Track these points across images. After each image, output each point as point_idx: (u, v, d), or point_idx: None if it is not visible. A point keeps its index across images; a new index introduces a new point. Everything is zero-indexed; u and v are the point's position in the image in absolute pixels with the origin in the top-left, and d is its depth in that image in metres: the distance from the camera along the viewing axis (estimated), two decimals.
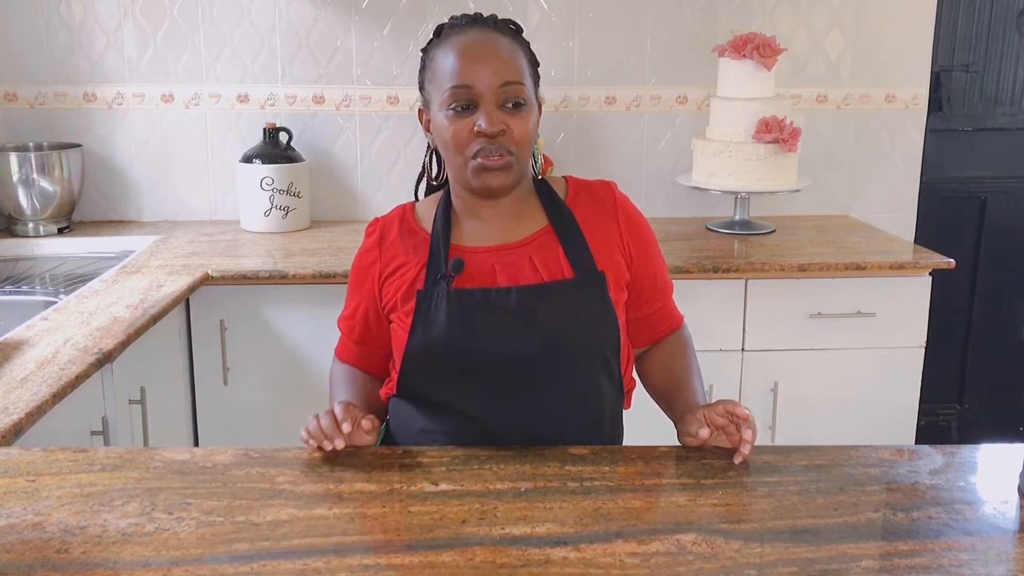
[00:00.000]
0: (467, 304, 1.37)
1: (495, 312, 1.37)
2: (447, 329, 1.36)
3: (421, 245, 1.44)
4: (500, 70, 1.35)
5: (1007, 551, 1.08)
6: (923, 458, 1.31)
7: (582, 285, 1.40)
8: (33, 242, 2.78)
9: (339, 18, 2.92)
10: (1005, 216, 3.37)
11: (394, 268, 1.45)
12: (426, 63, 1.43)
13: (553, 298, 1.38)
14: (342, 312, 1.55)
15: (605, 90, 3.02)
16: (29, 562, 1.04)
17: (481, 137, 1.34)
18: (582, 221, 1.44)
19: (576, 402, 1.41)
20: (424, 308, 1.38)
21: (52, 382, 1.66)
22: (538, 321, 1.36)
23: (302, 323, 2.50)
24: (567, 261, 1.41)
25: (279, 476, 1.24)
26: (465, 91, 1.34)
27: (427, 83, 1.42)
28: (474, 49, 1.36)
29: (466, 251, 1.42)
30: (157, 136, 2.99)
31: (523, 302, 1.37)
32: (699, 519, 1.14)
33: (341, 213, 3.05)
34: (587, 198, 1.47)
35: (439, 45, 1.40)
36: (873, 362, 2.63)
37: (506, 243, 1.43)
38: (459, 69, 1.35)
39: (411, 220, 1.48)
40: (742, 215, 2.92)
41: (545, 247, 1.42)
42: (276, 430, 2.53)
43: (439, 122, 1.38)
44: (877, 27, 3.05)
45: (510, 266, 1.40)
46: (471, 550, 1.06)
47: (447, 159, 1.41)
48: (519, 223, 1.44)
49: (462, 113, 1.35)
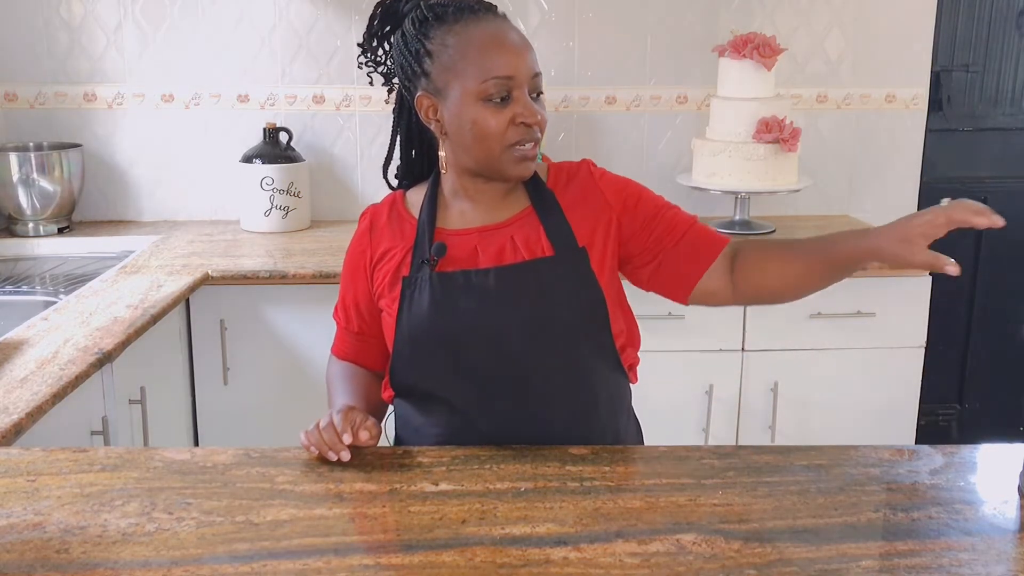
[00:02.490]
0: (449, 287, 1.38)
1: (476, 293, 1.37)
2: (430, 313, 1.37)
3: (408, 231, 1.45)
4: (531, 61, 1.37)
5: (1007, 551, 1.08)
6: (923, 458, 1.31)
7: (562, 261, 1.39)
8: (33, 242, 2.78)
9: (339, 18, 2.92)
10: (1005, 216, 3.33)
11: (382, 253, 1.46)
12: (433, 49, 1.37)
13: (533, 276, 1.38)
14: (337, 304, 1.54)
15: (605, 90, 3.02)
16: (29, 562, 1.04)
17: (521, 127, 1.35)
18: (563, 201, 1.44)
19: (566, 380, 1.39)
20: (409, 294, 1.39)
21: (52, 382, 1.66)
22: (519, 299, 1.36)
23: (302, 323, 2.50)
24: (547, 240, 1.41)
25: (279, 476, 1.24)
26: (506, 82, 1.34)
27: (440, 70, 1.37)
28: (508, 39, 1.36)
29: (450, 234, 1.43)
30: (157, 136, 2.99)
31: (503, 282, 1.37)
32: (699, 519, 1.14)
33: (341, 213, 3.05)
34: (566, 178, 1.48)
35: (452, 31, 1.36)
36: (873, 362, 2.63)
37: (488, 224, 1.43)
38: (498, 60, 1.34)
39: (401, 207, 1.49)
40: (742, 215, 2.92)
41: (527, 227, 1.42)
42: (276, 430, 2.52)
43: (471, 113, 1.35)
44: (877, 27, 3.05)
45: (492, 246, 1.41)
46: (471, 550, 1.06)
47: (473, 149, 1.38)
48: (504, 205, 1.45)
49: (499, 104, 1.35)
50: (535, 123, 1.36)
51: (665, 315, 2.50)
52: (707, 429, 2.64)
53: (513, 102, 1.34)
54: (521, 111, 1.34)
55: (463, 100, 1.35)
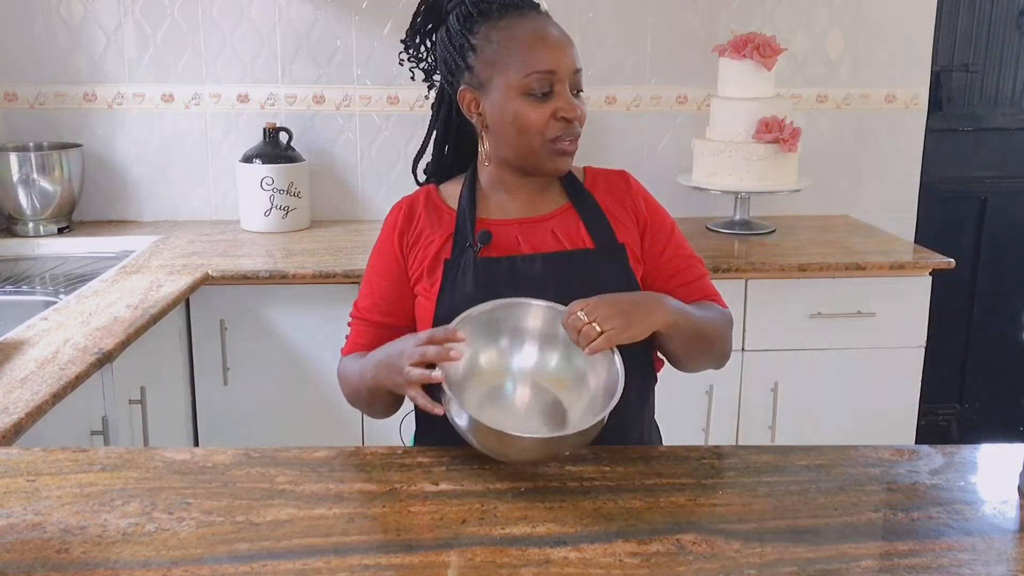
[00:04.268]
0: (494, 272, 1.40)
1: (521, 279, 1.39)
2: (474, 296, 1.37)
3: (447, 220, 1.47)
4: (573, 57, 1.40)
5: (1007, 551, 1.08)
6: (923, 458, 1.31)
7: (604, 255, 1.43)
8: (33, 242, 2.78)
9: (339, 18, 2.92)
10: (1005, 216, 3.37)
11: (417, 237, 1.46)
12: (477, 43, 1.40)
13: (577, 266, 1.41)
14: (358, 303, 1.51)
15: (605, 90, 3.02)
16: (29, 562, 1.04)
17: (561, 122, 1.38)
18: (601, 202, 1.48)
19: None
20: (451, 277, 1.41)
21: (52, 382, 1.66)
22: (563, 288, 1.37)
23: (302, 323, 2.50)
24: (588, 234, 1.44)
25: (279, 476, 1.24)
26: (549, 76, 1.37)
27: (484, 64, 1.40)
28: (551, 35, 1.40)
29: (491, 223, 1.45)
30: (157, 136, 2.99)
31: (548, 269, 1.40)
32: (699, 519, 1.14)
33: (341, 213, 3.05)
34: (604, 182, 1.52)
35: (496, 26, 1.39)
36: (873, 362, 2.63)
37: (529, 216, 1.46)
38: (541, 55, 1.37)
39: (436, 198, 1.50)
40: (742, 215, 2.92)
41: (566, 221, 1.46)
42: (276, 430, 2.53)
43: (513, 106, 1.38)
44: (877, 27, 3.05)
45: (533, 237, 1.44)
46: (471, 550, 1.06)
47: (515, 143, 1.40)
48: (543, 199, 1.48)
49: (541, 99, 1.37)
50: (575, 118, 1.39)
51: None
52: (707, 429, 2.64)
53: (555, 97, 1.38)
54: (563, 105, 1.38)
55: (506, 94, 1.38)
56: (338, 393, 1.51)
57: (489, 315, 1.32)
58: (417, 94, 2.94)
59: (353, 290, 1.61)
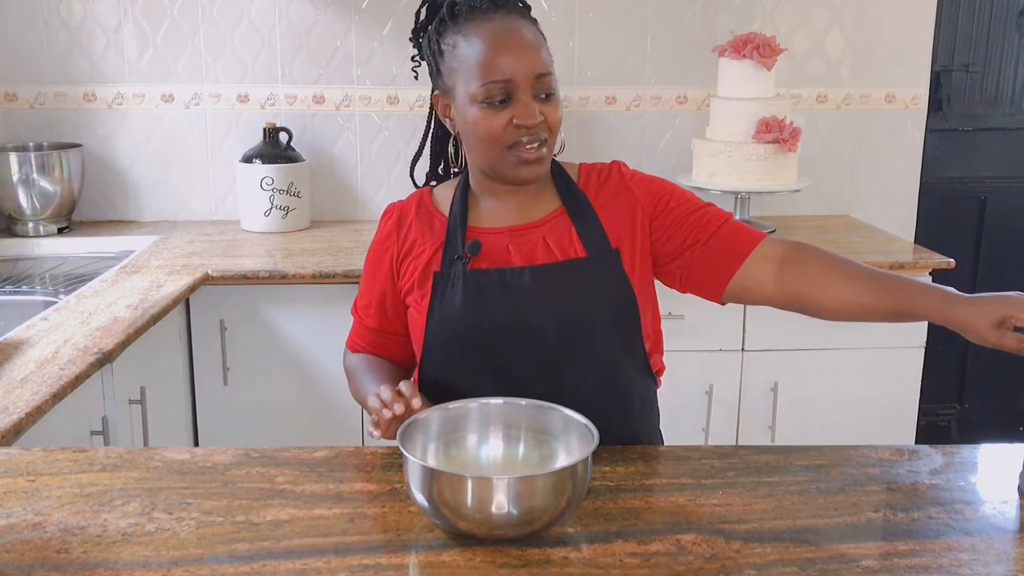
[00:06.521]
0: (483, 284, 1.37)
1: (510, 292, 1.37)
2: (463, 309, 1.36)
3: (438, 227, 1.44)
4: (534, 62, 1.34)
5: (1007, 551, 1.08)
6: (923, 458, 1.31)
7: (595, 264, 1.40)
8: (33, 242, 2.78)
9: (339, 18, 2.92)
10: (1005, 216, 3.37)
11: (409, 248, 1.45)
12: (444, 48, 1.38)
13: (567, 277, 1.39)
14: (356, 301, 1.53)
15: (605, 90, 3.03)
16: (29, 562, 1.04)
17: (519, 129, 1.33)
18: (595, 202, 1.44)
19: (599, 382, 1.39)
20: (441, 289, 1.39)
21: (52, 382, 1.66)
22: (553, 300, 1.36)
23: (302, 323, 2.50)
24: (580, 241, 1.41)
25: (279, 476, 1.24)
26: (502, 85, 1.32)
27: (448, 71, 1.38)
28: (507, 40, 1.34)
29: (481, 232, 1.42)
30: (157, 136, 2.99)
31: (538, 281, 1.37)
32: (699, 519, 1.14)
33: (341, 213, 3.05)
34: (597, 180, 1.47)
35: (461, 31, 1.36)
36: (873, 362, 2.63)
37: (521, 224, 1.43)
38: (495, 63, 1.32)
39: (429, 203, 1.48)
40: (742, 215, 2.92)
41: (558, 228, 1.42)
42: (276, 430, 2.53)
43: (471, 115, 1.35)
44: (877, 27, 3.05)
45: (524, 246, 1.41)
46: (471, 550, 1.06)
47: (477, 151, 1.38)
48: (535, 205, 1.44)
49: (498, 107, 1.33)
50: (534, 125, 1.33)
51: (665, 315, 2.47)
52: (707, 429, 2.64)
53: (512, 104, 1.33)
54: (519, 112, 1.33)
55: (466, 102, 1.35)
56: (338, 393, 1.52)
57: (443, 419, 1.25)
58: (417, 94, 2.94)
59: (353, 290, 1.61)
